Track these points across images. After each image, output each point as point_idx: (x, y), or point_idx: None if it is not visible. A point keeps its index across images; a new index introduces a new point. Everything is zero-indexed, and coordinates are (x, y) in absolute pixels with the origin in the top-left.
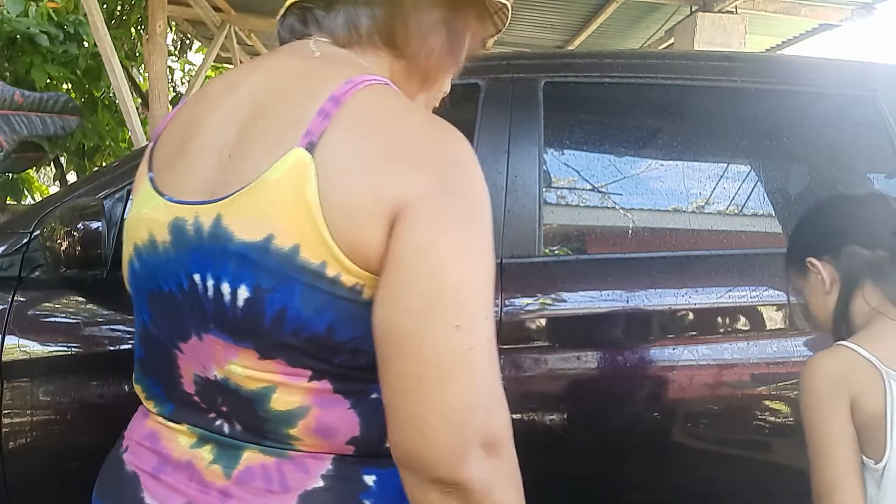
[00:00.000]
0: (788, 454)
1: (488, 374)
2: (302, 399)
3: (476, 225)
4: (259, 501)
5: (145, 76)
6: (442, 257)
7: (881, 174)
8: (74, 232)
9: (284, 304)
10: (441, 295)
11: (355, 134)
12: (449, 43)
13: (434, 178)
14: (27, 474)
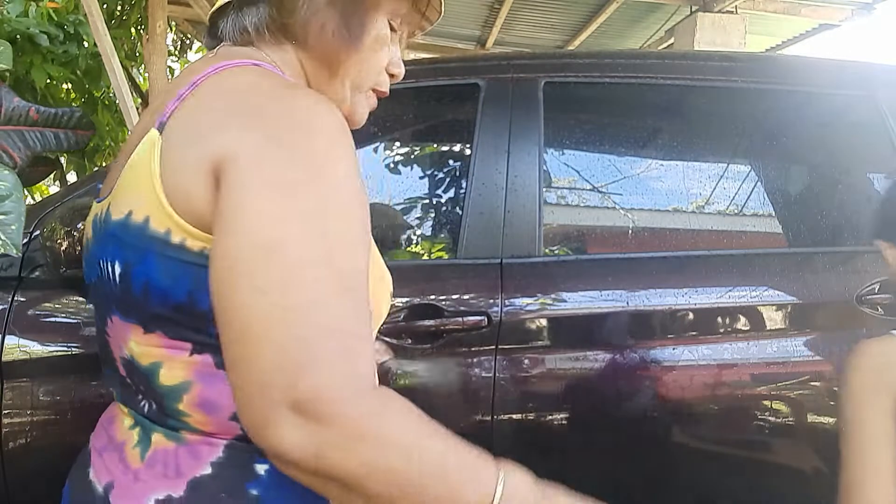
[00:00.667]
0: (788, 454)
1: (300, 332)
2: (185, 374)
3: (303, 183)
4: (158, 485)
5: (145, 76)
6: (249, 216)
7: (881, 174)
8: (74, 232)
9: (147, 276)
10: (243, 256)
11: (197, 108)
12: (343, 25)
13: (263, 134)
14: (27, 474)
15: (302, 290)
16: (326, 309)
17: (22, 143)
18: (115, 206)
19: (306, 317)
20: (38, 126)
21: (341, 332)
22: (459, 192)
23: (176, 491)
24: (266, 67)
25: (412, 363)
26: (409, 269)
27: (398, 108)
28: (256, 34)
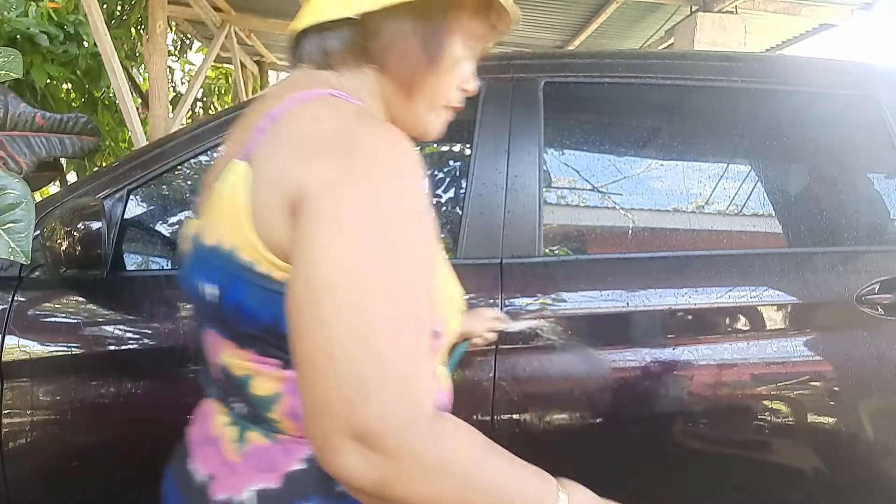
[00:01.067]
0: (788, 454)
1: (359, 365)
2: (276, 386)
3: (370, 219)
4: (255, 477)
5: (145, 76)
6: (316, 250)
7: (881, 174)
8: (74, 232)
9: (237, 300)
10: (310, 288)
11: (277, 145)
12: (425, 51)
13: (335, 171)
14: (27, 474)
15: (363, 324)
16: (386, 343)
17: (28, 149)
18: (206, 232)
19: (366, 350)
20: (44, 132)
21: (400, 365)
22: (459, 192)
23: (270, 483)
24: (342, 97)
25: None
26: None
27: None
28: (338, 57)
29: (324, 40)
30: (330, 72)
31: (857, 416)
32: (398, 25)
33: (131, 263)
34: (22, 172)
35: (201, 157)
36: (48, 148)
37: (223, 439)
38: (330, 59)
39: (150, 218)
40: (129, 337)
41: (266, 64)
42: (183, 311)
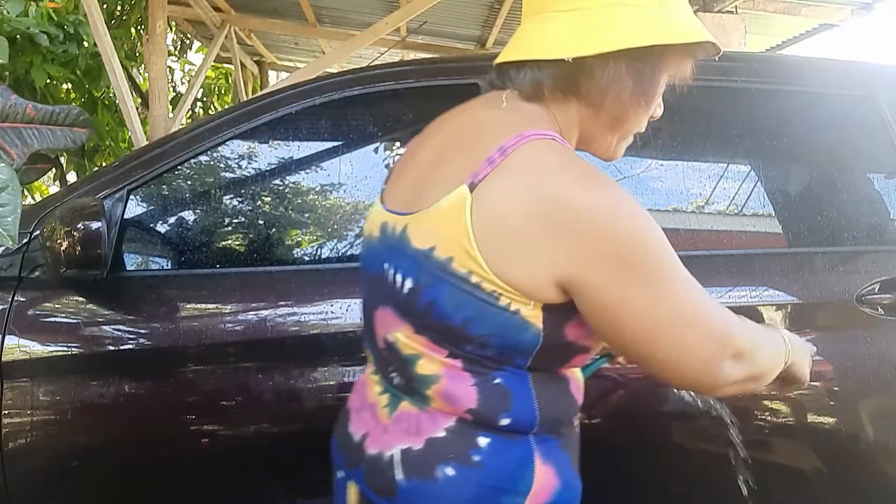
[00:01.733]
0: (788, 454)
1: (716, 322)
2: (438, 369)
3: (652, 291)
4: (402, 438)
5: (145, 76)
6: (626, 330)
7: (881, 174)
8: (74, 232)
9: (433, 298)
10: (647, 313)
11: (504, 181)
12: (637, 88)
13: (594, 256)
14: (27, 474)
15: (699, 303)
16: (711, 304)
17: (19, 141)
18: (417, 235)
19: (711, 312)
20: (36, 123)
21: (722, 320)
22: None
23: (415, 444)
24: (559, 143)
25: None
26: None
27: (398, 108)
28: (548, 92)
29: (539, 74)
30: (538, 104)
31: (857, 417)
32: (614, 67)
33: (131, 263)
34: (14, 164)
35: (201, 157)
36: (40, 139)
37: (378, 405)
38: (539, 92)
39: (150, 218)
40: (129, 337)
41: (266, 64)
42: (183, 310)
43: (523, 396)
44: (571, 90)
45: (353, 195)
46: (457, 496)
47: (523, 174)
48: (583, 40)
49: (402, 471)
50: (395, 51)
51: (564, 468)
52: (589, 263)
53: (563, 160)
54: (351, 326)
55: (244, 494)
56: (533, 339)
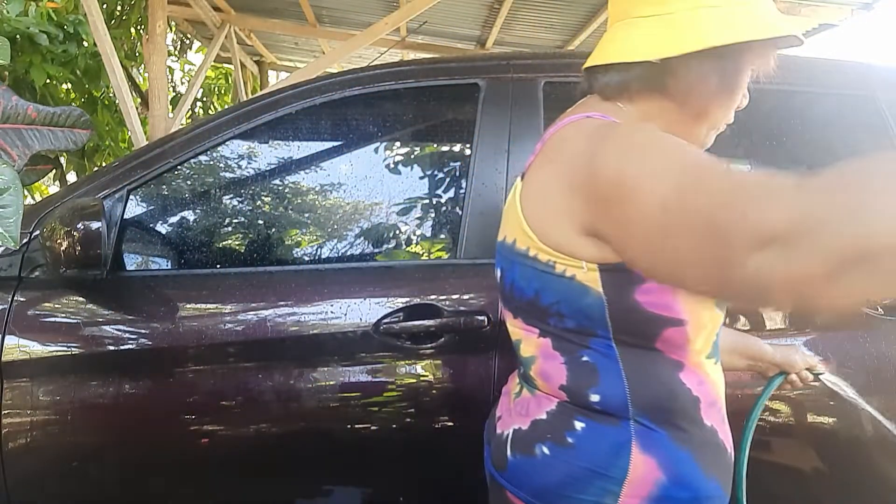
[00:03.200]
0: (788, 454)
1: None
2: (534, 350)
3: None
4: (517, 420)
5: (145, 76)
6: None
7: None
8: (74, 232)
9: (512, 279)
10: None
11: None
12: (721, 84)
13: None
14: (27, 474)
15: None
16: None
17: (20, 142)
18: (502, 232)
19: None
20: (37, 125)
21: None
22: (459, 192)
23: (523, 425)
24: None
25: (412, 363)
26: (410, 269)
27: (398, 108)
28: (635, 91)
29: (626, 76)
30: (610, 103)
31: (857, 416)
32: (699, 66)
33: (131, 263)
34: (15, 165)
35: (201, 157)
36: (41, 141)
37: (511, 392)
38: (626, 92)
39: (150, 218)
40: (129, 337)
41: (266, 64)
42: (183, 310)
43: (611, 373)
44: (657, 89)
45: (352, 195)
46: (552, 473)
47: (552, 149)
48: (668, 42)
49: (510, 448)
50: (395, 51)
51: (676, 463)
52: (604, 210)
53: (585, 127)
54: (351, 326)
55: (244, 494)
56: (596, 302)
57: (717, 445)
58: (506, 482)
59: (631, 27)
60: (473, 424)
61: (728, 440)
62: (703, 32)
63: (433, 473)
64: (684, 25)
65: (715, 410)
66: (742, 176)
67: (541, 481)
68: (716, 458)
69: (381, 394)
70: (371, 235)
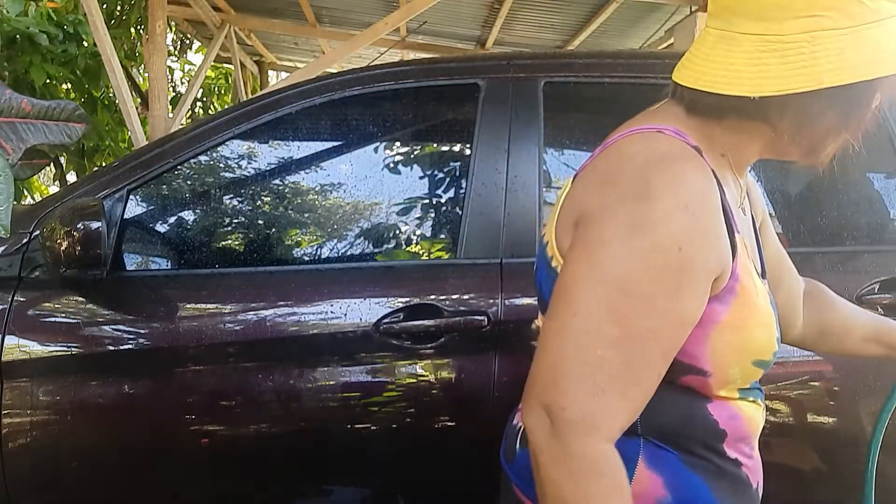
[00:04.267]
0: (787, 454)
1: (557, 357)
2: None
3: (616, 244)
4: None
5: (145, 76)
6: (567, 263)
7: (881, 174)
8: (74, 232)
9: (540, 278)
10: (558, 288)
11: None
12: (841, 122)
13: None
14: (27, 474)
15: (568, 324)
16: (594, 353)
17: (14, 135)
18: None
19: (573, 349)
20: (31, 118)
21: (596, 377)
22: (459, 192)
23: None
24: (668, 132)
25: (412, 363)
26: (409, 269)
27: (398, 108)
28: (730, 117)
29: (723, 102)
30: (699, 119)
31: (857, 416)
32: (814, 102)
33: (131, 263)
34: (9, 158)
35: (201, 157)
36: (35, 135)
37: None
38: (719, 115)
39: (150, 218)
40: (129, 337)
41: (266, 64)
42: (183, 310)
43: None
44: (758, 119)
45: (352, 195)
46: None
47: (603, 159)
48: (776, 77)
49: (520, 440)
50: (395, 51)
51: (686, 487)
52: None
53: (641, 149)
54: (351, 326)
55: (244, 494)
56: None
57: (738, 478)
58: (512, 474)
59: (733, 45)
60: (473, 424)
61: (755, 475)
62: (820, 70)
63: (433, 473)
64: (798, 56)
65: (744, 445)
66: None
67: None
68: (733, 490)
69: (381, 394)
70: (371, 235)
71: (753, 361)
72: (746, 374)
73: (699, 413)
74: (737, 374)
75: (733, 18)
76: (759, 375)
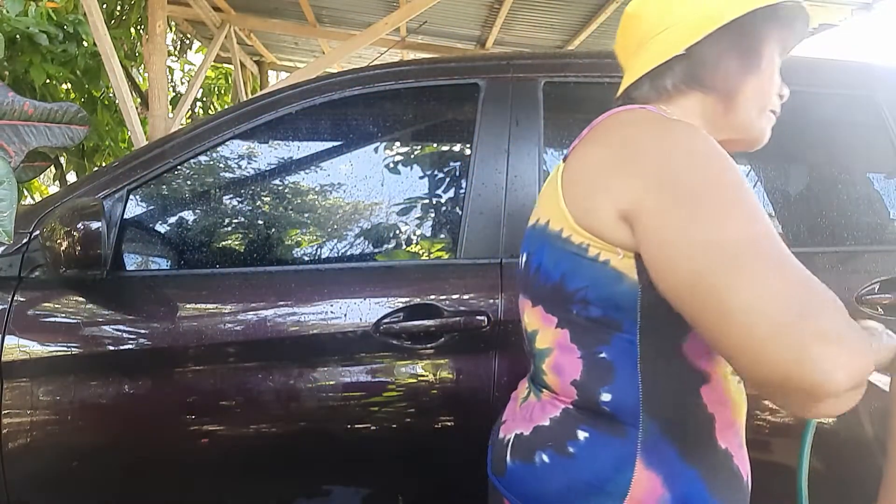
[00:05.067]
0: (787, 453)
1: (784, 299)
2: (550, 341)
3: (697, 201)
4: (520, 425)
5: (145, 76)
6: (678, 242)
7: (881, 174)
8: (74, 232)
9: (539, 261)
10: (707, 267)
11: (587, 144)
12: (743, 61)
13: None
14: (27, 474)
15: (765, 267)
16: (796, 267)
17: (17, 138)
18: (534, 216)
19: (792, 276)
20: (34, 121)
21: (809, 280)
22: (459, 192)
23: (526, 430)
24: (648, 109)
25: (412, 363)
26: (409, 269)
27: (398, 108)
28: (672, 91)
29: (659, 81)
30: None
31: (857, 416)
32: (719, 47)
33: (131, 263)
34: (11, 161)
35: (201, 157)
36: (38, 137)
37: (518, 397)
38: (663, 94)
39: (150, 218)
40: (129, 337)
41: (266, 64)
42: (183, 310)
43: (627, 373)
44: (690, 83)
45: (352, 195)
46: (549, 483)
47: (602, 133)
48: (682, 36)
49: (510, 453)
50: (395, 51)
51: (683, 482)
52: (643, 189)
53: (642, 116)
54: (351, 326)
55: (244, 494)
56: (630, 290)
57: (731, 471)
58: (503, 488)
59: (649, 47)
60: (473, 424)
61: (745, 468)
62: (708, 14)
63: (433, 473)
64: (691, 17)
65: (732, 434)
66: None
67: (537, 490)
68: (728, 483)
69: (381, 394)
70: (371, 235)
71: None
72: None
73: (694, 395)
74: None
75: (643, 39)
76: None
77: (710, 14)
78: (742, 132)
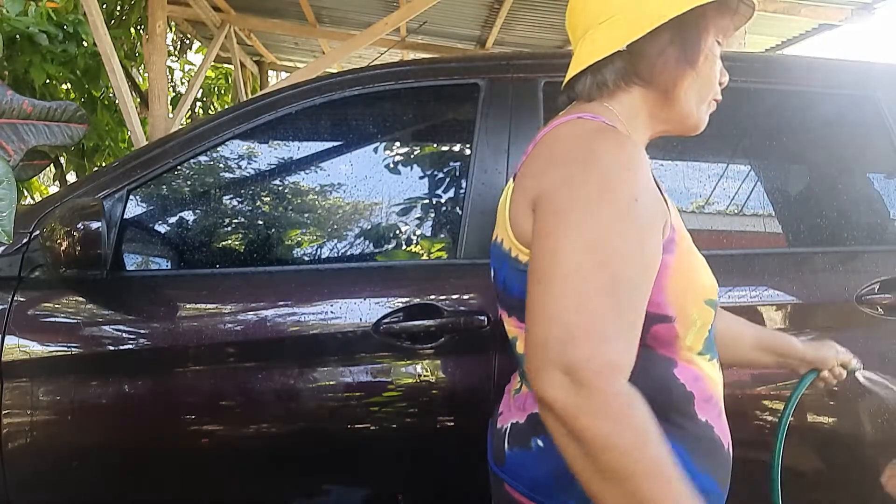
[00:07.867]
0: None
1: (564, 319)
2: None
3: (582, 210)
4: (515, 414)
5: (145, 76)
6: (540, 238)
7: (881, 174)
8: (74, 232)
9: (504, 278)
10: (537, 263)
11: (530, 160)
12: (681, 55)
13: (560, 176)
14: (27, 474)
15: (573, 287)
16: (594, 305)
17: (15, 136)
18: (494, 232)
19: (575, 308)
20: (33, 120)
21: (603, 326)
22: (459, 192)
23: (521, 419)
24: (587, 117)
25: (412, 363)
26: (409, 269)
27: (398, 108)
28: (611, 87)
29: (599, 76)
30: (595, 102)
31: (857, 416)
32: (658, 42)
33: (131, 263)
34: (10, 160)
35: (201, 157)
36: (36, 136)
37: (511, 389)
38: (604, 90)
39: (150, 218)
40: (129, 337)
41: (266, 64)
42: (183, 311)
43: None
44: (630, 76)
45: (352, 195)
46: (546, 465)
47: (545, 148)
48: (623, 31)
49: (508, 441)
50: (395, 51)
51: None
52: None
53: (575, 132)
54: (351, 326)
55: (244, 494)
56: None
57: (712, 441)
58: (504, 475)
59: (591, 36)
60: (473, 424)
61: (725, 437)
62: (647, 11)
63: (433, 473)
64: (632, 12)
65: (711, 406)
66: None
67: (536, 473)
68: (710, 453)
69: (381, 394)
70: (371, 235)
71: (705, 301)
72: (703, 316)
73: (669, 378)
74: (695, 316)
75: (589, 24)
76: (712, 318)
77: (650, 11)
78: (682, 122)
